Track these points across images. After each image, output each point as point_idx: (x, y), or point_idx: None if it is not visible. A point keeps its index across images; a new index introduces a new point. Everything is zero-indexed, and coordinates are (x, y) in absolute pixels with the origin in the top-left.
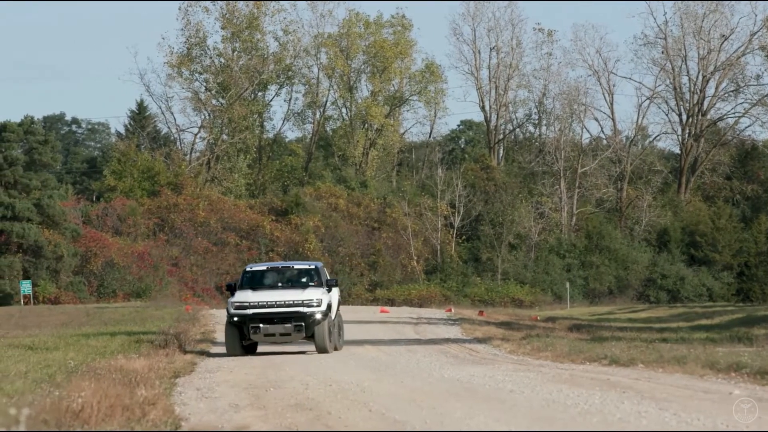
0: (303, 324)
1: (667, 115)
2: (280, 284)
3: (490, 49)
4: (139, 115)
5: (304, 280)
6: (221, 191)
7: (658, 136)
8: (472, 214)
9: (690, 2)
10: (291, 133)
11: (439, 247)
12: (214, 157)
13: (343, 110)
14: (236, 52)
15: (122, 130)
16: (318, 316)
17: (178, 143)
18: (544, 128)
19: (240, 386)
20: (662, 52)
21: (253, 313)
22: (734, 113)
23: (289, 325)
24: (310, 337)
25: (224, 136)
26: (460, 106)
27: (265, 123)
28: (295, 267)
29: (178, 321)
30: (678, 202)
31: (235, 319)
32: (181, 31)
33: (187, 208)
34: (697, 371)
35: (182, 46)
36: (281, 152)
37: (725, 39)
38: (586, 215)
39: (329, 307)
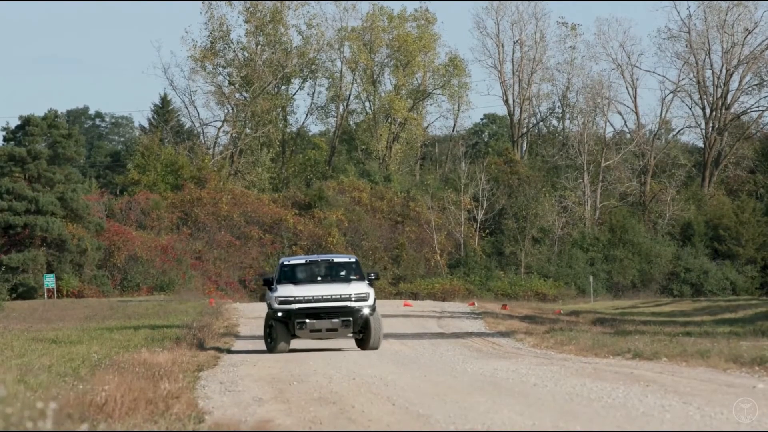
0: (351, 319)
1: (690, 108)
2: (319, 278)
3: (514, 43)
4: (163, 109)
5: (344, 273)
6: (244, 185)
7: (681, 129)
8: (496, 208)
9: None
10: (314, 127)
11: (462, 241)
12: (238, 150)
13: (367, 104)
14: (260, 46)
15: (146, 124)
16: (366, 311)
17: (201, 137)
18: (567, 122)
19: (263, 380)
20: (686, 46)
21: (299, 308)
22: (758, 107)
23: (336, 320)
24: (357, 332)
25: (247, 130)
26: (484, 100)
27: (288, 117)
28: (335, 260)
29: (202, 315)
30: (701, 196)
31: (280, 314)
32: (205, 25)
33: (210, 202)
34: (721, 365)
35: (206, 40)
36: (304, 146)
37: (749, 33)
38: (609, 209)
39: (375, 301)
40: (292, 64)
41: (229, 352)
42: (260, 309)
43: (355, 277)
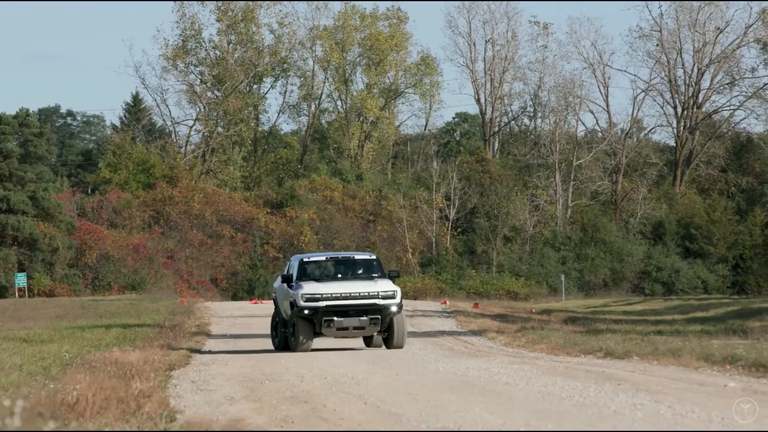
0: (379, 317)
1: (662, 107)
2: (339, 275)
3: (486, 42)
4: (135, 108)
5: (366, 271)
6: (216, 184)
7: (653, 128)
8: (468, 207)
9: None
10: (286, 126)
11: (434, 240)
12: (209, 149)
13: (339, 103)
14: (231, 45)
15: (117, 123)
16: (394, 309)
17: (173, 136)
18: (539, 121)
19: (235, 379)
20: (657, 45)
21: (327, 306)
22: (729, 106)
23: (364, 318)
24: (384, 331)
25: (219, 129)
26: (456, 99)
27: (260, 115)
28: (356, 257)
29: (174, 314)
30: (673, 195)
31: (306, 312)
32: (177, 23)
33: (182, 201)
34: (692, 364)
35: (177, 38)
36: (276, 145)
37: (720, 32)
38: (581, 208)
39: (401, 299)
40: (264, 63)
41: (201, 351)
42: (232, 308)
43: (377, 275)
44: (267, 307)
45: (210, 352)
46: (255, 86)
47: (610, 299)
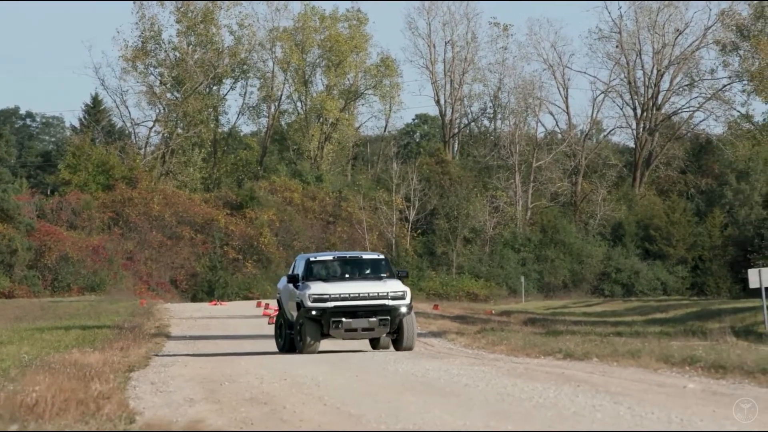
0: (389, 318)
1: (621, 109)
2: (347, 275)
3: (446, 44)
4: (94, 109)
5: (374, 271)
6: (176, 185)
7: (612, 130)
8: (427, 208)
9: None
10: (246, 127)
11: (394, 241)
12: (169, 151)
13: (298, 104)
14: (191, 46)
15: (77, 124)
16: (403, 310)
17: (132, 137)
18: (499, 122)
19: (195, 380)
20: (617, 47)
21: (335, 306)
22: (689, 107)
23: (374, 319)
24: (393, 332)
25: (179, 130)
26: (415, 100)
27: (219, 117)
28: (364, 257)
29: (133, 315)
30: (632, 196)
31: (314, 312)
32: (136, 24)
33: (141, 202)
34: (652, 365)
35: (137, 39)
36: (236, 146)
37: (680, 33)
38: (540, 209)
39: (411, 300)
40: (224, 65)
41: (160, 353)
42: (191, 309)
43: (385, 275)
44: (226, 309)
45: (170, 354)
46: (214, 87)
47: (570, 300)
